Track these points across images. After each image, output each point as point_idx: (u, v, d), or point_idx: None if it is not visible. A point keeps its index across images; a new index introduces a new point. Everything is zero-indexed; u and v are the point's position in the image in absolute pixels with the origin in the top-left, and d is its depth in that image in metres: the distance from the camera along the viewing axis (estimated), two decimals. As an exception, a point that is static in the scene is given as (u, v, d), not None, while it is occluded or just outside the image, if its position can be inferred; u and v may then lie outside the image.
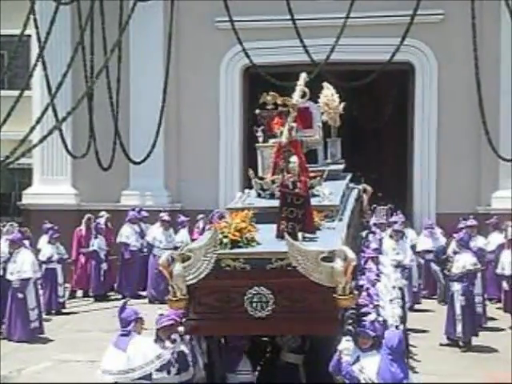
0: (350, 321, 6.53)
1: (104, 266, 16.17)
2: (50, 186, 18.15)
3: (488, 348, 11.73)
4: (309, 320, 6.51)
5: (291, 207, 6.88)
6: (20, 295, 12.61)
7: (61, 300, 14.93)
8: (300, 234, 6.78)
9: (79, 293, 16.61)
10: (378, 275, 8.09)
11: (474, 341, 11.89)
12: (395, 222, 13.77)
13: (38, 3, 10.88)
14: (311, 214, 7.09)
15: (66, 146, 10.02)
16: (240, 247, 6.77)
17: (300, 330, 6.88)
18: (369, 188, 10.80)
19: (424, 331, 12.68)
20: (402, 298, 12.03)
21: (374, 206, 16.65)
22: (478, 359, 11.28)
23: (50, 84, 9.96)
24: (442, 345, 11.93)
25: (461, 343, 11.85)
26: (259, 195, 8.42)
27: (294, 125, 8.47)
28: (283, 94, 9.09)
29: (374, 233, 10.18)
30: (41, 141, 8.11)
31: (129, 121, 17.36)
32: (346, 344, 6.45)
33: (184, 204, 17.72)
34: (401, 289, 10.25)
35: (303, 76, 8.97)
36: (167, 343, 7.01)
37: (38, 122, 8.05)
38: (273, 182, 8.16)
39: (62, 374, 10.40)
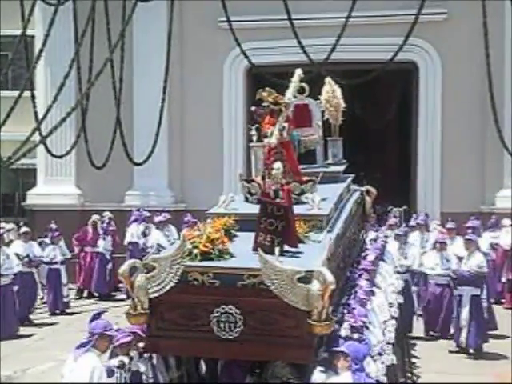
0: (325, 347, 5.97)
1: (109, 265, 16.20)
2: (54, 187, 18.16)
3: (497, 354, 11.43)
4: (280, 345, 5.90)
5: (271, 218, 6.20)
6: (15, 288, 13.15)
7: (65, 300, 15.01)
8: (277, 249, 6.01)
9: (85, 292, 16.65)
10: (371, 291, 7.45)
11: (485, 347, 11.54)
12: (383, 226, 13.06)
13: (42, 4, 10.91)
14: (294, 227, 6.40)
15: (46, 147, 9.98)
16: (211, 260, 6.13)
17: (270, 355, 6.14)
18: (373, 190, 10.09)
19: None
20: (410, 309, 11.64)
21: (391, 207, 16.59)
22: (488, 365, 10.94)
23: (33, 91, 10.05)
24: (451, 352, 11.57)
25: (471, 350, 11.40)
26: (247, 199, 7.81)
27: (286, 125, 7.80)
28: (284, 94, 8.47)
29: (375, 239, 9.46)
30: (41, 141, 8.15)
31: (132, 121, 17.36)
32: (317, 375, 5.93)
33: (188, 204, 17.73)
34: (401, 302, 9.49)
35: (298, 72, 8.41)
36: (125, 361, 6.50)
37: (40, 123, 8.07)
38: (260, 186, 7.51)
39: (67, 374, 10.40)
